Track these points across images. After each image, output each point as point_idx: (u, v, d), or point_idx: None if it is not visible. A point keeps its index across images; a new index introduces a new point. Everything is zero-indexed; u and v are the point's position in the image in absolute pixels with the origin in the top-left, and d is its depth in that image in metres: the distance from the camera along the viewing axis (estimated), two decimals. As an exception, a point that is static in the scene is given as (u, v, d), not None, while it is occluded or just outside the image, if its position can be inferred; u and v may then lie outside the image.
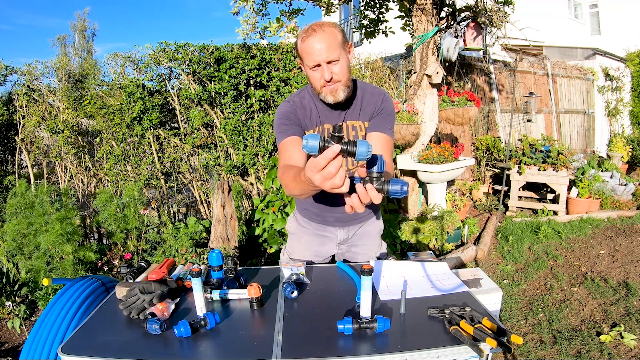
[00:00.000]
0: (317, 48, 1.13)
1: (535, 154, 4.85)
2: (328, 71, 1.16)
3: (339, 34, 1.17)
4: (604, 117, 8.51)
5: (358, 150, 0.75)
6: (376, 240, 1.56)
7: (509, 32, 3.98)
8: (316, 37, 1.13)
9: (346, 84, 1.21)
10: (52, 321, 1.42)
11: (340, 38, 1.17)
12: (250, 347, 0.93)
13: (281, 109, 1.30)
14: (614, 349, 2.14)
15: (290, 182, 1.04)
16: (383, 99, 1.32)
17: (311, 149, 0.75)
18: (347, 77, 1.21)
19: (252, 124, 3.54)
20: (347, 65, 1.20)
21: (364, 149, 0.75)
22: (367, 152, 0.75)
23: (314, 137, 0.75)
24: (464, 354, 0.91)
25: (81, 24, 18.32)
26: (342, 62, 1.17)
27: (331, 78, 1.17)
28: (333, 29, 1.16)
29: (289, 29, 3.47)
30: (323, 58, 1.14)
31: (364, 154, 0.75)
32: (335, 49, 1.14)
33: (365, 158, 0.76)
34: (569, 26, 10.30)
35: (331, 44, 1.13)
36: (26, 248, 2.55)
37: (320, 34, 1.13)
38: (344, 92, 1.21)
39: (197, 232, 2.89)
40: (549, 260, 3.43)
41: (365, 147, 0.75)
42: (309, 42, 1.14)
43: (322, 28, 1.14)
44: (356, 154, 0.75)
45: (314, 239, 1.51)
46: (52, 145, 3.73)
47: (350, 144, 0.75)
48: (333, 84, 1.19)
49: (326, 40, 1.13)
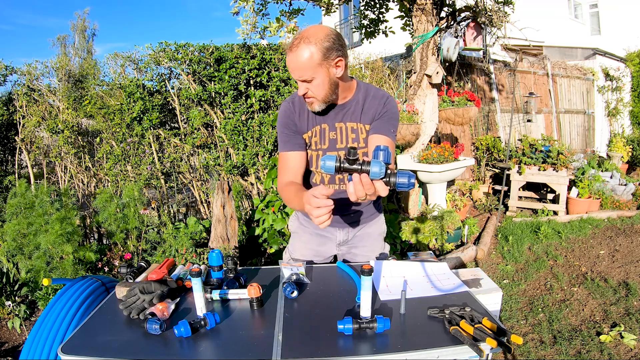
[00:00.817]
0: (291, 67, 1.17)
1: (535, 154, 4.85)
2: (302, 87, 1.19)
3: (317, 52, 1.12)
4: (604, 117, 8.51)
5: (372, 171, 0.81)
6: (377, 243, 1.55)
7: (509, 32, 3.98)
8: (290, 56, 1.15)
9: (323, 99, 1.22)
10: (52, 321, 1.42)
11: (317, 57, 1.12)
12: (250, 347, 0.93)
13: (281, 112, 1.34)
14: (614, 349, 2.14)
15: (289, 198, 1.21)
16: (386, 102, 1.31)
17: (328, 169, 0.82)
18: (325, 94, 1.20)
19: (252, 124, 3.54)
20: (327, 81, 1.18)
21: (376, 169, 0.81)
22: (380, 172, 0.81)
23: (331, 159, 0.82)
24: (464, 354, 0.90)
25: (81, 24, 18.34)
26: (317, 80, 1.17)
27: (305, 94, 1.20)
28: (309, 49, 1.11)
29: (289, 29, 3.46)
30: (295, 77, 1.18)
31: (377, 174, 0.81)
32: (307, 70, 1.14)
33: (379, 177, 0.82)
34: (569, 26, 10.30)
35: (303, 65, 1.13)
36: (26, 248, 2.55)
37: (294, 54, 1.13)
38: (319, 106, 1.24)
39: (197, 232, 2.89)
40: (549, 260, 3.43)
41: (378, 167, 0.81)
42: (287, 58, 1.17)
43: (298, 47, 1.12)
44: (370, 174, 0.81)
45: (313, 238, 1.51)
46: (52, 145, 3.73)
47: (365, 164, 0.82)
48: (307, 98, 1.22)
49: (298, 62, 1.13)
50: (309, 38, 1.12)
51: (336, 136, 1.32)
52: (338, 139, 1.32)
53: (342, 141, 1.32)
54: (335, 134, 1.32)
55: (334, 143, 1.32)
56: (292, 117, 1.32)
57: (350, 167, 0.82)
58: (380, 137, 1.28)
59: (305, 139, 1.34)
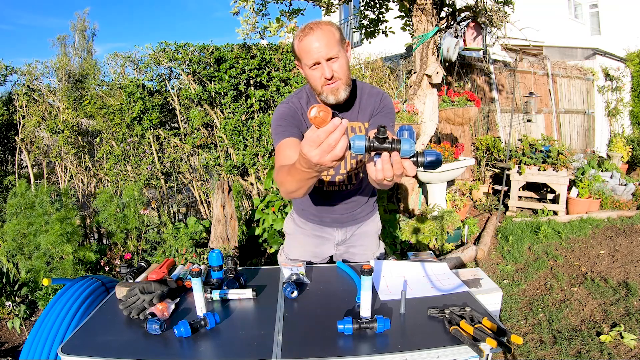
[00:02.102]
0: (315, 46, 1.11)
1: (535, 154, 4.85)
2: (328, 68, 1.14)
3: (337, 32, 1.16)
4: (604, 117, 8.50)
5: (402, 149, 0.77)
6: (374, 241, 1.55)
7: (509, 32, 3.98)
8: (314, 35, 1.12)
9: (347, 82, 1.19)
10: (52, 321, 1.42)
11: (338, 36, 1.16)
12: (250, 347, 0.93)
13: (279, 111, 1.27)
14: (614, 349, 2.14)
15: (285, 177, 0.99)
16: (382, 98, 1.32)
17: (358, 149, 0.77)
18: (347, 76, 1.19)
19: (252, 124, 3.54)
20: (347, 63, 1.19)
21: (407, 147, 0.77)
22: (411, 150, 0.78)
23: (360, 138, 0.77)
24: (464, 354, 0.91)
25: (81, 24, 18.32)
26: (341, 59, 1.16)
27: (332, 76, 1.15)
28: (330, 27, 1.15)
29: (289, 29, 3.46)
30: (322, 55, 1.12)
31: (407, 152, 0.78)
32: (334, 46, 1.13)
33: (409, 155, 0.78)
34: (569, 26, 10.30)
35: (329, 41, 1.12)
36: (26, 248, 2.55)
37: (318, 32, 1.12)
38: (345, 91, 1.19)
39: (197, 232, 2.89)
40: (549, 260, 3.43)
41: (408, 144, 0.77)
42: (307, 40, 1.12)
43: (319, 26, 1.13)
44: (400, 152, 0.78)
45: (311, 240, 1.51)
46: (52, 145, 3.73)
47: (395, 142, 0.78)
48: (334, 82, 1.17)
49: (324, 38, 1.12)
50: (321, 22, 1.15)
51: None
52: None
53: None
54: None
55: None
56: (294, 114, 1.26)
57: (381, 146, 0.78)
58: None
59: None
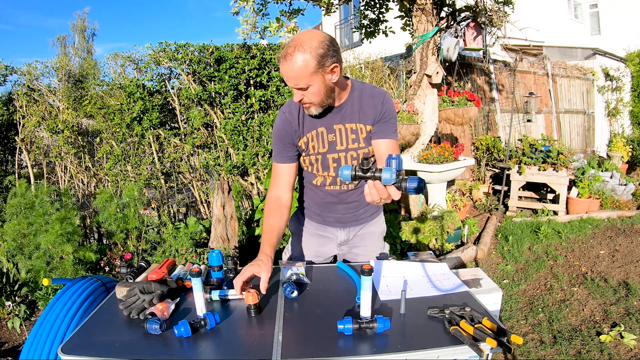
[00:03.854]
0: (285, 75, 1.15)
1: (535, 154, 4.85)
2: (298, 94, 1.19)
3: (312, 60, 1.10)
4: (604, 117, 8.50)
5: (383, 177, 0.91)
6: (378, 242, 1.55)
7: (509, 32, 3.98)
8: (285, 64, 1.13)
9: (320, 103, 1.22)
10: (52, 321, 1.42)
11: (312, 65, 1.10)
12: (250, 347, 0.93)
13: (277, 123, 1.36)
14: (614, 349, 2.14)
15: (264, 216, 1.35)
16: (384, 101, 1.31)
17: (345, 177, 0.94)
18: (321, 99, 1.20)
19: (252, 124, 3.54)
20: (322, 88, 1.17)
21: (388, 176, 0.91)
22: (391, 179, 0.91)
23: (347, 168, 0.94)
24: (464, 354, 0.91)
25: (81, 24, 18.32)
26: (313, 88, 1.16)
27: (301, 100, 1.20)
28: (304, 57, 1.09)
29: (289, 29, 3.46)
30: (291, 85, 1.17)
31: (388, 180, 0.91)
32: (303, 78, 1.13)
33: (391, 183, 0.91)
34: (569, 26, 10.30)
35: (298, 74, 1.12)
36: (26, 248, 2.55)
37: (289, 63, 1.11)
38: (317, 110, 1.24)
39: (197, 232, 2.89)
40: (549, 260, 3.43)
41: (389, 174, 0.91)
42: (281, 66, 1.15)
43: (292, 57, 1.10)
44: (382, 180, 0.92)
45: (314, 239, 1.51)
46: (52, 145, 3.73)
47: (377, 171, 0.92)
48: (304, 104, 1.22)
49: (292, 71, 1.12)
50: (303, 46, 1.09)
51: (335, 138, 1.31)
52: (337, 140, 1.32)
53: (342, 143, 1.32)
54: (334, 136, 1.31)
55: (333, 145, 1.32)
56: (288, 129, 1.32)
57: (364, 175, 0.93)
58: (387, 141, 1.31)
59: (302, 145, 1.34)
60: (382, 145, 1.31)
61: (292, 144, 1.34)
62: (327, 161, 1.34)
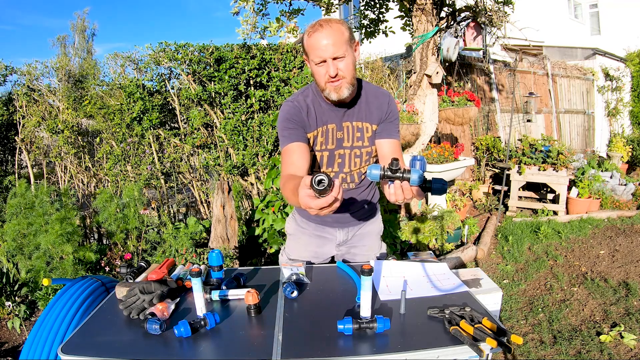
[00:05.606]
0: (323, 44, 1.13)
1: (535, 154, 4.85)
2: (333, 67, 1.15)
3: (346, 31, 1.16)
4: (604, 117, 8.50)
5: (412, 178, 0.93)
6: (376, 242, 1.55)
7: (508, 32, 3.98)
8: (323, 32, 1.13)
9: (351, 81, 1.20)
10: (52, 321, 1.42)
11: (347, 35, 1.16)
12: (250, 347, 0.93)
13: (284, 110, 1.28)
14: (614, 349, 2.14)
15: (289, 195, 1.08)
16: (389, 102, 1.33)
17: (374, 177, 0.95)
18: (352, 75, 1.20)
19: (252, 124, 3.54)
20: (353, 62, 1.19)
21: (416, 177, 0.92)
22: (419, 180, 0.92)
23: (376, 168, 0.94)
24: (464, 354, 0.91)
25: (81, 24, 18.31)
26: (347, 59, 1.17)
27: (336, 74, 1.16)
28: (340, 26, 1.15)
29: (289, 29, 3.46)
30: (329, 54, 1.14)
31: (416, 181, 0.92)
32: (342, 46, 1.14)
33: (418, 184, 0.93)
34: (569, 26, 10.30)
35: (337, 40, 1.13)
36: (26, 248, 2.55)
37: (327, 30, 1.13)
38: (348, 89, 1.20)
39: (197, 232, 2.88)
40: (549, 260, 3.43)
41: (417, 175, 0.92)
42: (315, 37, 1.14)
43: (330, 24, 1.14)
44: (410, 181, 0.93)
45: (312, 240, 1.50)
46: (52, 145, 3.73)
47: (405, 172, 0.93)
48: (337, 80, 1.17)
49: (333, 36, 1.13)
50: (332, 20, 1.15)
51: (343, 135, 1.32)
52: (345, 137, 1.32)
53: (349, 140, 1.33)
54: (342, 133, 1.32)
55: (340, 142, 1.32)
56: (298, 114, 1.26)
57: (393, 176, 0.94)
58: (390, 141, 1.33)
59: (310, 138, 1.30)
60: (385, 145, 1.32)
61: (302, 127, 1.26)
62: (333, 158, 1.34)
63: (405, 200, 0.96)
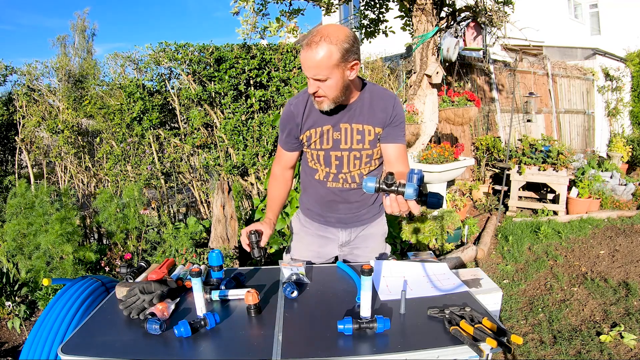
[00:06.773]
0: (307, 64, 1.13)
1: (535, 154, 4.85)
2: (313, 86, 1.17)
3: (337, 52, 1.10)
4: (604, 117, 8.50)
5: (406, 192, 0.93)
6: (380, 243, 1.54)
7: (509, 32, 3.98)
8: (309, 52, 1.11)
9: (334, 100, 1.20)
10: (52, 321, 1.42)
11: (337, 57, 1.10)
12: (250, 347, 0.93)
13: (282, 113, 1.37)
14: (614, 349, 2.14)
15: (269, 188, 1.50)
16: (395, 105, 1.31)
17: (369, 189, 0.97)
18: (336, 95, 1.19)
19: (252, 124, 3.54)
20: (340, 83, 1.16)
21: (410, 191, 0.92)
22: (414, 194, 0.92)
23: (372, 180, 0.96)
24: (464, 354, 0.91)
25: (81, 24, 18.29)
26: (331, 81, 1.14)
27: (315, 92, 1.18)
28: (330, 48, 1.09)
29: (289, 29, 3.47)
30: (310, 74, 1.15)
31: (411, 195, 0.93)
32: (324, 70, 1.11)
33: (413, 198, 0.93)
34: (569, 26, 10.30)
35: (320, 64, 1.10)
36: (26, 248, 2.55)
37: (313, 52, 1.10)
38: (328, 106, 1.22)
39: (197, 232, 2.88)
40: (549, 260, 3.43)
41: (412, 189, 0.92)
42: (303, 53, 1.14)
43: (318, 45, 1.09)
44: (404, 195, 0.93)
45: (315, 240, 1.50)
46: (52, 145, 3.73)
47: (400, 186, 0.94)
48: (318, 97, 1.20)
49: (315, 60, 1.10)
50: (330, 37, 1.09)
51: (340, 136, 1.31)
52: (342, 139, 1.31)
53: (347, 142, 1.32)
54: (339, 134, 1.31)
55: (337, 143, 1.32)
56: (291, 122, 1.33)
57: (388, 189, 0.96)
58: (396, 146, 1.32)
59: (303, 139, 1.35)
60: (391, 149, 1.32)
61: (294, 136, 1.36)
62: (329, 158, 1.34)
63: (401, 213, 0.97)
